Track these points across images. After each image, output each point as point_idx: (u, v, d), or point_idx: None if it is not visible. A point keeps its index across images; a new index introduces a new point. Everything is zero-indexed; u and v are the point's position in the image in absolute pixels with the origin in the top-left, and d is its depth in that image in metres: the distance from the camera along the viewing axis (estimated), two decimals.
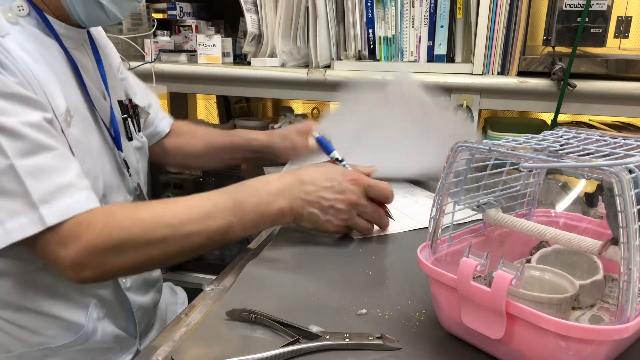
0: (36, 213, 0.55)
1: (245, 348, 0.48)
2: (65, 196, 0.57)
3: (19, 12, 0.64)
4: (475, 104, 1.17)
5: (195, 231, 0.61)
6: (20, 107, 0.57)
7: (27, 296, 0.67)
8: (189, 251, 0.63)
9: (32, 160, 0.56)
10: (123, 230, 0.58)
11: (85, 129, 0.69)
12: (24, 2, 0.65)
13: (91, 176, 0.67)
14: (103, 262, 0.59)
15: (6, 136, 0.55)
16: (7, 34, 0.61)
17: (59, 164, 0.58)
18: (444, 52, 1.23)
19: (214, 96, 1.99)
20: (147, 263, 0.62)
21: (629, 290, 0.37)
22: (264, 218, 0.66)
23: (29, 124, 0.57)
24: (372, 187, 0.72)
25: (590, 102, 1.12)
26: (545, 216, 0.63)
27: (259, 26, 1.32)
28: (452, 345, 0.48)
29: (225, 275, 0.66)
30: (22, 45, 0.62)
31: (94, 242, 0.57)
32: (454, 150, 0.49)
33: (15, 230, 0.55)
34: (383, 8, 1.23)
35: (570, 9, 1.08)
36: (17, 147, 0.56)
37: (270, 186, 0.67)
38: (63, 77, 0.67)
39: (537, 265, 0.51)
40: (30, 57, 0.62)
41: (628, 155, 0.42)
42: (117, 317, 0.77)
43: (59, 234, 0.57)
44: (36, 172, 0.56)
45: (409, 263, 0.66)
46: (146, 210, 0.62)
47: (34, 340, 0.69)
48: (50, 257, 0.58)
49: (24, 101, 0.58)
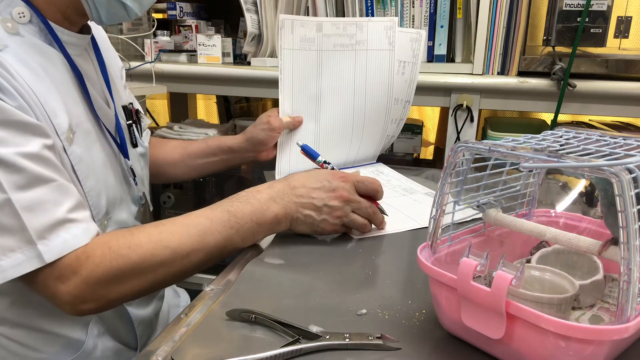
0: (33, 249, 0.53)
1: (245, 348, 0.48)
2: (63, 231, 0.56)
3: (19, 20, 0.61)
4: (475, 104, 1.17)
5: (194, 250, 0.61)
6: (19, 136, 0.55)
7: (26, 313, 0.66)
8: (190, 270, 0.63)
9: (29, 195, 0.54)
10: (122, 259, 0.57)
11: (88, 144, 0.67)
12: (25, 8, 0.62)
13: (94, 194, 0.67)
14: (105, 293, 0.58)
15: (3, 169, 0.53)
16: (6, 46, 0.58)
17: (56, 198, 0.56)
18: (444, 52, 1.23)
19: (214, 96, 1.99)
20: (149, 287, 0.61)
21: (629, 290, 0.37)
22: (260, 226, 0.66)
23: (27, 155, 0.55)
24: (362, 182, 0.73)
25: (590, 102, 1.12)
26: (545, 216, 0.63)
27: (259, 26, 1.32)
28: (452, 345, 0.48)
29: (225, 275, 0.66)
30: (21, 59, 0.59)
31: (94, 275, 0.56)
32: (454, 150, 0.49)
33: (11, 268, 0.53)
34: (383, 8, 1.23)
35: (570, 9, 1.08)
36: (15, 180, 0.53)
37: (262, 195, 0.68)
38: (65, 89, 0.65)
39: (537, 265, 0.51)
40: (30, 72, 0.59)
41: (628, 155, 0.42)
42: (118, 331, 0.76)
43: (58, 269, 0.55)
44: (33, 206, 0.54)
45: (409, 263, 0.66)
46: (142, 235, 0.60)
47: (34, 356, 0.68)
48: (49, 293, 0.57)
49: (23, 128, 0.55)
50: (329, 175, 0.72)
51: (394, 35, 0.98)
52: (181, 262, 0.61)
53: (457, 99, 1.17)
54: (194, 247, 0.61)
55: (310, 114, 0.97)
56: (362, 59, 0.98)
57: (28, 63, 0.60)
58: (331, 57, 0.96)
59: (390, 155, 1.38)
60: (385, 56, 0.99)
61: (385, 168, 1.07)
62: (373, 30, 0.97)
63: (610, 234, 0.47)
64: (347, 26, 0.96)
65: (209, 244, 0.62)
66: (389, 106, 1.02)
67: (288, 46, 0.92)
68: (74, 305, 0.57)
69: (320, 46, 0.95)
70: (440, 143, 1.64)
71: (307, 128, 0.97)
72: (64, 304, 0.57)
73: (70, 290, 0.56)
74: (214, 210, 0.65)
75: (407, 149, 1.41)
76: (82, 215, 0.59)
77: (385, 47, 0.98)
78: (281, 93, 0.94)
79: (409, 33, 1.01)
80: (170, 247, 0.60)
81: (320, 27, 0.94)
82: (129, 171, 0.78)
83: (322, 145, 0.97)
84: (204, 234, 0.62)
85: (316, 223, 0.70)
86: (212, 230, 0.63)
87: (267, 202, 0.67)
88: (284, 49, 0.92)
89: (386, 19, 0.99)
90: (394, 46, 0.98)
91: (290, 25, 0.92)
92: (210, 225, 0.63)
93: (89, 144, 0.68)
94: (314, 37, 0.94)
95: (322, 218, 0.70)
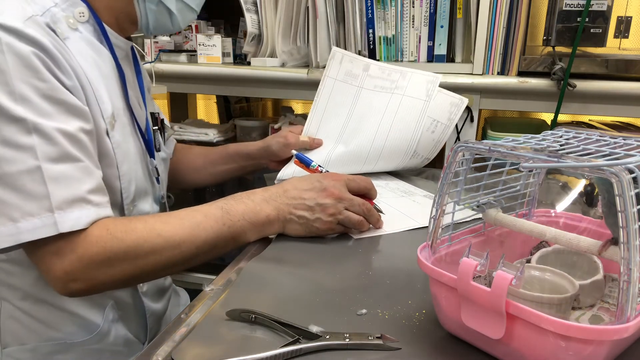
0: (51, 217, 0.56)
1: (245, 348, 0.48)
2: (78, 208, 0.59)
3: (79, 18, 0.68)
4: (475, 104, 1.17)
5: (184, 241, 0.63)
6: (62, 114, 0.60)
7: (49, 290, 0.68)
8: (180, 262, 0.64)
9: (58, 167, 0.58)
10: (116, 241, 0.59)
11: (125, 133, 0.73)
12: (85, 9, 0.69)
13: (126, 179, 0.71)
14: (95, 275, 0.60)
15: (41, 138, 0.57)
16: (67, 38, 0.65)
17: (80, 176, 0.60)
18: (444, 52, 1.23)
19: (214, 96, 1.99)
20: (139, 275, 0.63)
21: (629, 290, 0.37)
22: (252, 225, 0.68)
23: (65, 132, 0.59)
24: (353, 180, 0.74)
25: (590, 102, 1.12)
26: (545, 216, 0.63)
27: (259, 26, 1.32)
28: (452, 345, 0.48)
29: (225, 275, 0.66)
30: (79, 50, 0.66)
31: (87, 254, 0.58)
32: (454, 150, 0.49)
33: (27, 231, 0.56)
34: (383, 8, 1.23)
35: (570, 9, 1.08)
36: (48, 151, 0.57)
37: (256, 196, 0.70)
38: (111, 83, 0.71)
39: (537, 265, 0.51)
40: (85, 61, 0.66)
41: (628, 155, 0.42)
42: (130, 321, 0.79)
43: (57, 244, 0.58)
44: (59, 178, 0.58)
45: (409, 263, 0.66)
46: (139, 221, 0.63)
47: (49, 334, 0.71)
48: (44, 267, 0.59)
49: (68, 108, 0.60)
50: (320, 177, 0.74)
51: (433, 89, 0.99)
52: (172, 252, 0.63)
53: None
54: (184, 238, 0.63)
55: (330, 138, 0.99)
56: (396, 101, 0.99)
57: (83, 53, 0.67)
58: (369, 95, 1.00)
59: None
60: (419, 105, 0.99)
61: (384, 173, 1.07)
62: (415, 80, 1.00)
63: (611, 234, 0.47)
64: (392, 72, 1.01)
65: (199, 237, 0.64)
66: (407, 154, 1.00)
67: (332, 75, 1.00)
68: (65, 283, 0.59)
69: (362, 84, 1.01)
70: None
71: (322, 151, 0.98)
72: (56, 280, 0.59)
73: (65, 266, 0.58)
74: (209, 206, 0.67)
75: None
76: (99, 199, 0.62)
77: (421, 97, 0.99)
78: (311, 113, 0.99)
79: (452, 97, 1.00)
80: (163, 235, 0.62)
81: (367, 67, 1.02)
82: (154, 170, 0.82)
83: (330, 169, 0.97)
84: (197, 227, 0.64)
85: (310, 223, 0.70)
86: (204, 224, 0.65)
87: (261, 203, 0.69)
88: (328, 77, 1.00)
89: (430, 75, 1.01)
90: (430, 99, 0.99)
91: (340, 58, 1.01)
92: (203, 219, 0.65)
93: (125, 134, 0.73)
94: (359, 74, 1.01)
95: (316, 217, 0.70)
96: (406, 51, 1.25)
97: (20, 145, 0.56)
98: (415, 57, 1.25)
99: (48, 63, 0.59)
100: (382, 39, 1.25)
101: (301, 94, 1.30)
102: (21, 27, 0.57)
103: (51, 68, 0.59)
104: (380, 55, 1.26)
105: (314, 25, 1.23)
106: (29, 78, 0.57)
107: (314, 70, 1.24)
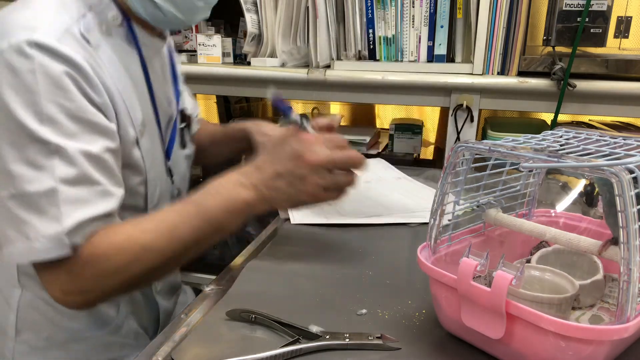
0: (62, 241, 0.56)
1: (245, 348, 0.48)
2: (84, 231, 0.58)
3: (112, 22, 0.66)
4: (475, 104, 1.17)
5: (165, 244, 0.61)
6: (86, 133, 0.59)
7: None
8: (166, 265, 0.62)
9: (74, 190, 0.57)
10: (101, 258, 0.59)
11: (152, 138, 0.73)
12: (118, 13, 0.67)
13: (152, 184, 0.72)
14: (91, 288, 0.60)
15: (61, 160, 0.57)
16: (99, 46, 0.64)
17: (97, 201, 0.59)
18: (444, 52, 1.22)
19: (214, 96, 1.98)
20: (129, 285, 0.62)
21: (629, 290, 0.37)
22: (232, 214, 0.64)
23: (87, 154, 0.58)
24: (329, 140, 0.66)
25: (590, 102, 1.12)
26: (545, 216, 0.63)
27: (259, 26, 1.32)
28: (452, 345, 0.48)
29: (225, 275, 0.66)
30: (110, 58, 0.65)
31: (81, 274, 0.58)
32: (454, 150, 0.49)
33: (40, 252, 0.56)
34: (383, 8, 1.23)
35: (570, 9, 1.08)
36: (67, 173, 0.57)
37: (228, 181, 0.65)
38: (140, 88, 0.71)
39: (537, 265, 0.51)
40: (116, 70, 0.65)
41: (628, 155, 0.42)
42: (142, 316, 0.80)
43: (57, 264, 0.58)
44: (74, 201, 0.57)
45: (409, 263, 0.66)
46: (119, 233, 0.61)
47: (66, 324, 0.72)
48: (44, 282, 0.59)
49: (93, 128, 0.60)
50: (293, 142, 0.66)
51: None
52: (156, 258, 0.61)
53: (457, 99, 1.17)
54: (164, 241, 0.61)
55: None
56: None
57: (115, 62, 0.66)
58: None
59: (390, 155, 1.38)
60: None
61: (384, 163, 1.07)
62: None
63: (611, 234, 0.47)
64: None
65: (180, 237, 0.61)
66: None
67: None
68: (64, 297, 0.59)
69: None
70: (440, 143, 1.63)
71: None
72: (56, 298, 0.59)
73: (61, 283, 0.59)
74: (183, 203, 0.64)
75: (407, 149, 1.41)
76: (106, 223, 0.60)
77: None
78: None
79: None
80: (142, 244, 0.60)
81: None
82: (167, 170, 0.80)
83: None
84: (174, 228, 0.61)
85: (293, 196, 0.65)
86: (181, 223, 0.62)
87: (235, 188, 0.64)
88: None
89: None
90: None
91: None
92: (179, 218, 0.62)
93: (152, 139, 0.73)
94: None
95: (298, 189, 0.65)
96: (406, 51, 1.24)
97: (40, 165, 0.56)
98: (415, 57, 1.24)
99: (79, 82, 0.59)
100: (382, 39, 1.25)
101: (301, 94, 1.30)
102: (56, 46, 0.57)
103: (82, 86, 0.59)
104: (380, 55, 1.26)
105: (314, 25, 1.23)
106: (57, 98, 0.57)
107: (313, 71, 1.24)
